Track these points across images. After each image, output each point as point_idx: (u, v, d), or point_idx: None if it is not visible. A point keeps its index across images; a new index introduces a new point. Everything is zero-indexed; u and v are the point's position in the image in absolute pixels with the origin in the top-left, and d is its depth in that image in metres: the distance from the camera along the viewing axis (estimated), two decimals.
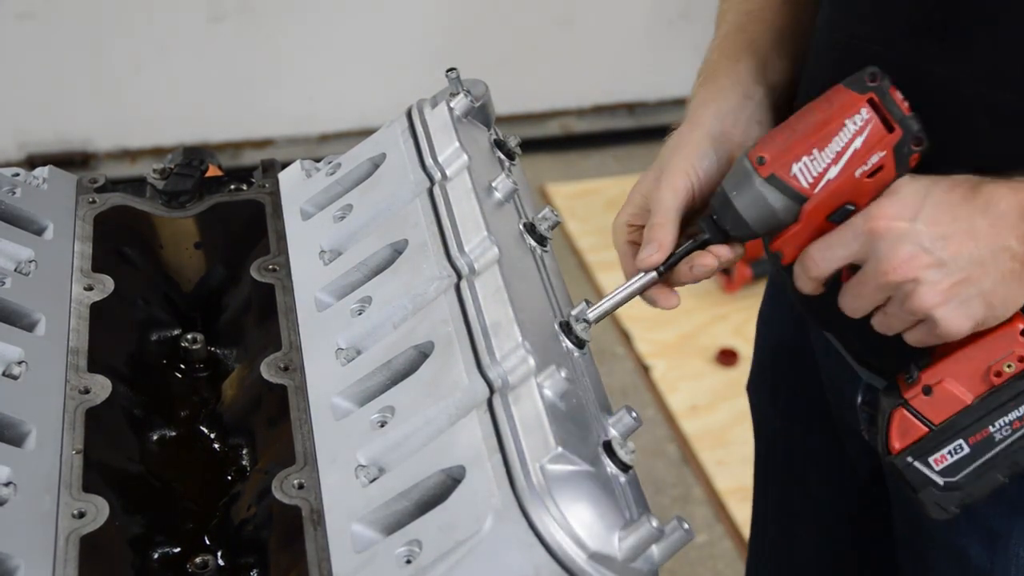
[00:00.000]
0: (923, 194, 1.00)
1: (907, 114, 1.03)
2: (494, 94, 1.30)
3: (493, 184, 1.18)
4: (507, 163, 1.26)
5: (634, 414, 1.00)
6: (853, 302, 1.04)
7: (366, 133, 1.31)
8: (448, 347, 1.03)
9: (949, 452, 1.07)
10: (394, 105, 1.50)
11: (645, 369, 3.07)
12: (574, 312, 1.09)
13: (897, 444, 1.08)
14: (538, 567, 0.88)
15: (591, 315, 1.08)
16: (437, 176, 1.19)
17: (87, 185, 1.31)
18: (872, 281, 1.02)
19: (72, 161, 3.60)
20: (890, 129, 1.03)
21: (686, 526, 0.90)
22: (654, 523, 0.89)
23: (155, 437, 1.20)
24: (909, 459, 1.08)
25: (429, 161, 1.21)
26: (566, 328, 1.07)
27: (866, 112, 1.03)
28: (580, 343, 1.07)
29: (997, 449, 1.06)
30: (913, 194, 1.01)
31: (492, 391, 0.98)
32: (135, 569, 1.05)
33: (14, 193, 1.24)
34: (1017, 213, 0.99)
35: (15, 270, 1.17)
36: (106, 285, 1.20)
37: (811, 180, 1.04)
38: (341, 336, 1.11)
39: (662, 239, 1.10)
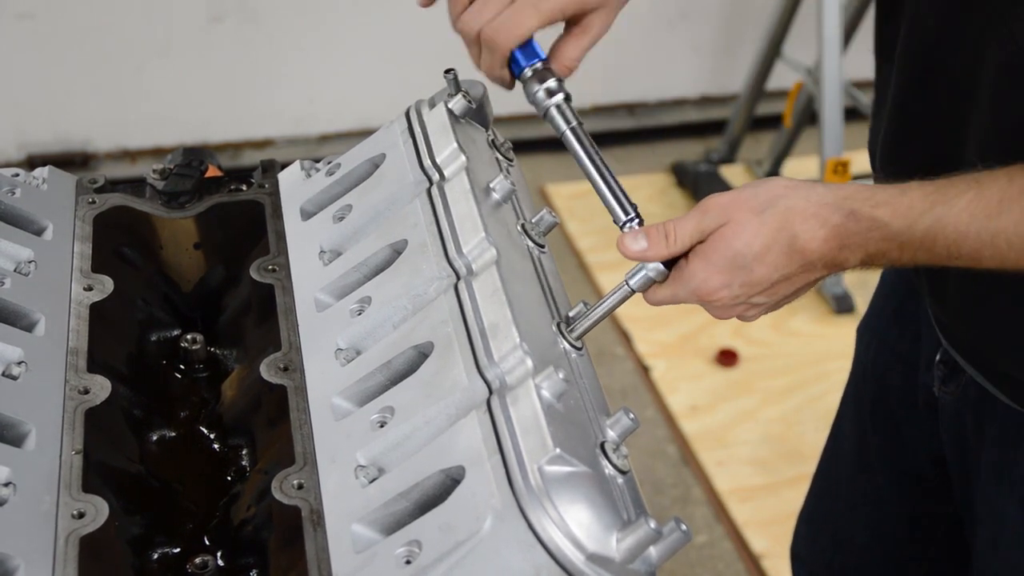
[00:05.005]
0: (737, 261, 1.06)
1: None
2: (493, 95, 1.30)
3: (491, 185, 1.18)
4: (505, 163, 1.26)
5: (632, 416, 1.00)
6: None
7: (366, 133, 1.31)
8: (448, 347, 1.03)
9: None
10: (393, 105, 1.50)
11: (645, 369, 3.07)
12: (571, 313, 1.09)
13: None
14: (538, 568, 0.88)
15: (573, 335, 1.08)
16: (435, 177, 1.19)
17: (87, 185, 1.31)
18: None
19: (72, 161, 3.60)
20: None
21: (684, 527, 0.90)
22: (652, 524, 0.89)
23: (155, 437, 1.20)
24: None
25: (427, 162, 1.21)
26: (563, 329, 1.07)
27: None
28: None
29: None
30: (725, 260, 1.07)
31: (491, 392, 0.98)
32: (135, 569, 1.05)
33: (14, 193, 1.24)
34: (824, 262, 1.07)
35: (15, 270, 1.17)
36: (106, 285, 1.20)
37: None
38: (341, 336, 1.11)
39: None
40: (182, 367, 1.28)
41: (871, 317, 1.58)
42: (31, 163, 3.56)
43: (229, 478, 1.17)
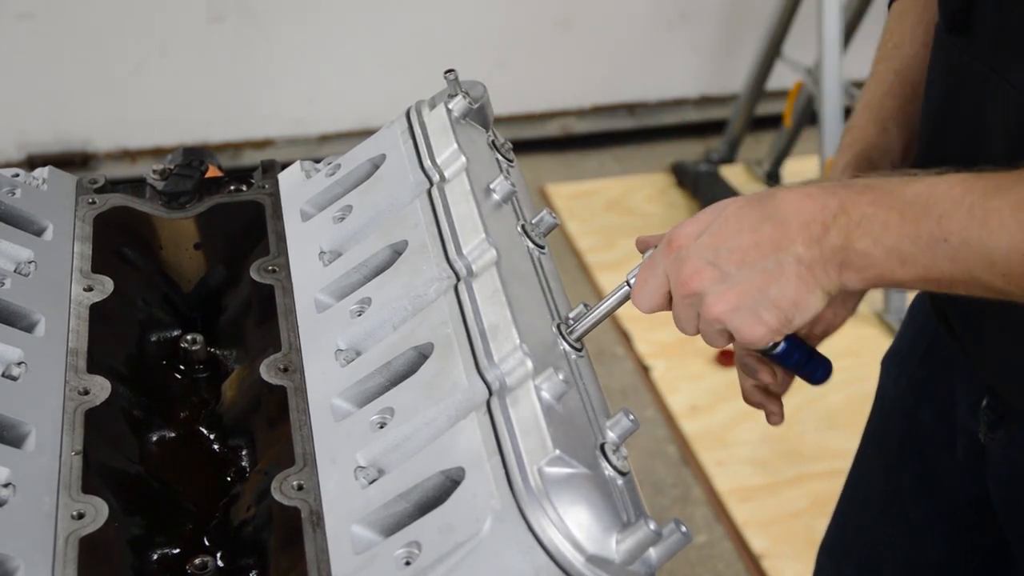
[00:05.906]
0: (719, 210, 1.03)
1: None
2: (493, 95, 1.30)
3: (491, 186, 1.18)
4: (505, 164, 1.26)
5: (632, 417, 1.00)
6: (677, 318, 1.07)
7: (366, 133, 1.31)
8: (448, 349, 1.03)
9: None
10: (394, 105, 1.50)
11: (645, 369, 3.07)
12: (572, 314, 1.09)
13: None
14: (538, 569, 0.88)
15: (573, 336, 1.08)
16: (436, 178, 1.19)
17: (87, 186, 1.31)
18: (675, 295, 1.05)
19: (72, 161, 3.60)
20: None
21: (684, 529, 0.90)
22: (651, 526, 0.88)
23: (154, 438, 1.20)
24: None
25: (428, 163, 1.21)
26: (563, 331, 1.07)
27: None
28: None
29: None
30: (710, 211, 1.03)
31: (491, 393, 0.98)
32: (134, 570, 1.05)
33: (14, 194, 1.24)
34: (800, 220, 0.98)
35: (15, 271, 1.17)
36: (106, 286, 1.20)
37: None
38: (341, 337, 1.11)
39: None
40: (182, 367, 1.28)
41: (898, 352, 1.52)
42: (31, 163, 3.57)
43: (229, 479, 1.17)
